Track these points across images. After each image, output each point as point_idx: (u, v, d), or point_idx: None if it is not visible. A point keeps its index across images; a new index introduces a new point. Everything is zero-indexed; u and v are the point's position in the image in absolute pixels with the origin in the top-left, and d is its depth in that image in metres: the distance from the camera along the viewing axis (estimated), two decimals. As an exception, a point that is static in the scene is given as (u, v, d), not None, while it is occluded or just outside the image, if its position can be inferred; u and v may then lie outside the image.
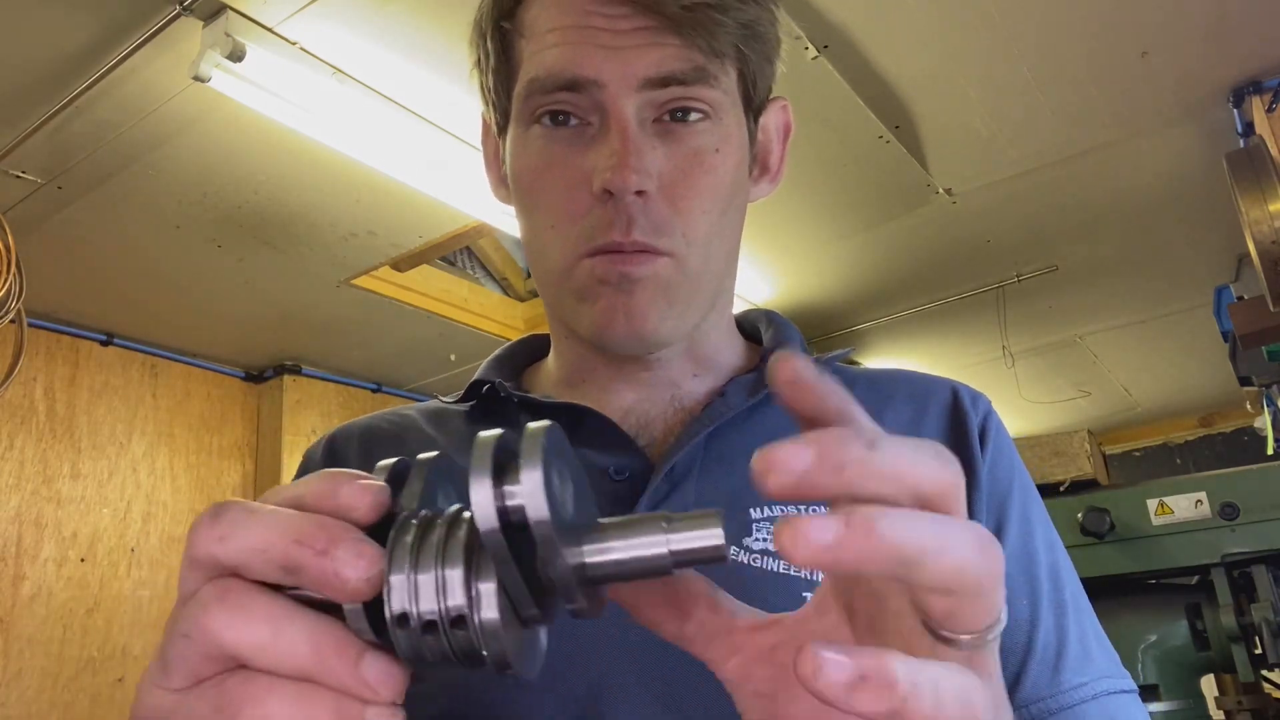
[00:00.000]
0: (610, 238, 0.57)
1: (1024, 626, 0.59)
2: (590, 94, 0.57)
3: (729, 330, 0.70)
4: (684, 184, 0.58)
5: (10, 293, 2.22)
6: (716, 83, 0.59)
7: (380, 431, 0.72)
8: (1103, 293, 3.29)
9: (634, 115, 0.57)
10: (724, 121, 0.60)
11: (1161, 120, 2.26)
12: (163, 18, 1.65)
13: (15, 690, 2.55)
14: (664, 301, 0.59)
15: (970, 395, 0.68)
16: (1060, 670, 0.58)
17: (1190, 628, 1.94)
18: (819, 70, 1.95)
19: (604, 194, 0.57)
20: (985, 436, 0.65)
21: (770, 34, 0.62)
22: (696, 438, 0.61)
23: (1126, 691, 0.60)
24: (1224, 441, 4.88)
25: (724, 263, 0.64)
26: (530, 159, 0.61)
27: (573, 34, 0.57)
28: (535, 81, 0.58)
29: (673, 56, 0.57)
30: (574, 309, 0.61)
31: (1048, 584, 0.61)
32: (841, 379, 0.70)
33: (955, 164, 2.39)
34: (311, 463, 0.71)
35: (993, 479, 0.63)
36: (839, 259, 2.90)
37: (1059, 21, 1.89)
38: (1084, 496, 2.12)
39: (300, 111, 1.85)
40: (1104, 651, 0.61)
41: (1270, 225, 2.00)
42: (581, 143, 0.59)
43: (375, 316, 2.99)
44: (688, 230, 0.59)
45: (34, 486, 2.72)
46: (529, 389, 0.71)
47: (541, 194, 0.60)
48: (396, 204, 2.30)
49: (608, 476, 0.60)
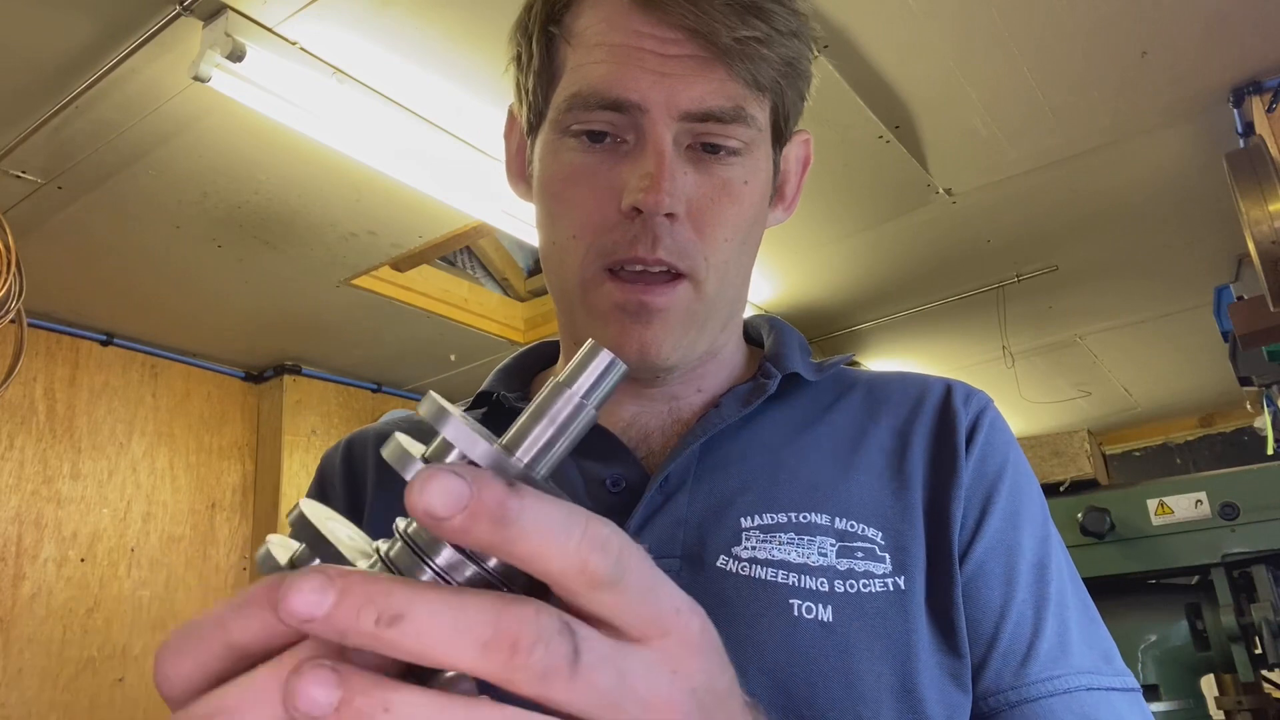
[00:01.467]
0: (634, 253, 0.58)
1: (992, 617, 0.58)
2: (631, 115, 0.58)
3: (736, 346, 0.71)
4: (711, 211, 0.59)
5: (10, 293, 2.22)
6: (753, 121, 0.59)
7: (359, 437, 0.73)
8: (1103, 293, 3.29)
9: (671, 140, 0.58)
10: (754, 155, 0.61)
11: (1161, 120, 2.26)
12: (163, 18, 1.65)
13: (15, 690, 2.55)
14: (680, 330, 0.60)
15: (964, 393, 0.68)
16: (1028, 664, 0.57)
17: (1190, 628, 1.95)
18: (819, 70, 1.94)
19: (633, 211, 0.57)
20: (975, 432, 0.64)
21: (807, 71, 0.64)
22: (690, 449, 0.61)
23: (1116, 690, 0.58)
24: (1224, 441, 4.88)
25: (739, 289, 0.65)
26: (561, 169, 0.61)
27: (621, 53, 0.58)
28: (578, 97, 0.59)
29: (716, 92, 0.58)
30: (586, 323, 0.61)
31: (1029, 577, 0.60)
32: (842, 383, 0.70)
33: (955, 164, 2.39)
34: (331, 469, 0.72)
35: (979, 474, 0.62)
36: (839, 259, 2.90)
37: (1059, 21, 1.89)
38: (1084, 496, 2.12)
39: (300, 111, 1.85)
40: (1090, 649, 0.59)
41: (1270, 225, 2.00)
42: (615, 158, 0.59)
43: (375, 316, 2.99)
44: (710, 255, 0.60)
45: (34, 486, 2.72)
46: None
47: (568, 203, 0.61)
48: (396, 204, 2.30)
49: (605, 488, 0.61)
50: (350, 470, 0.71)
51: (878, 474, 0.63)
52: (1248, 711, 1.93)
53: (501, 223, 2.34)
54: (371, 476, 0.69)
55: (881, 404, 0.68)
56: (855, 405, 0.68)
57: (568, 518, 0.27)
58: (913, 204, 2.57)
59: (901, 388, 0.70)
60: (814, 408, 0.68)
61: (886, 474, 0.63)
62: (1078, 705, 0.56)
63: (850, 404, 0.68)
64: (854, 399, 0.69)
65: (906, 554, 0.59)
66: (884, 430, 0.66)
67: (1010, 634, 0.58)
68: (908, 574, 0.58)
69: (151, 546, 2.95)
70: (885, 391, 0.69)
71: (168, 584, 2.96)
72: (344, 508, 0.68)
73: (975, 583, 0.59)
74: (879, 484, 0.62)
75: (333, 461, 0.73)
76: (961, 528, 0.60)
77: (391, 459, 0.31)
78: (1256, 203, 2.01)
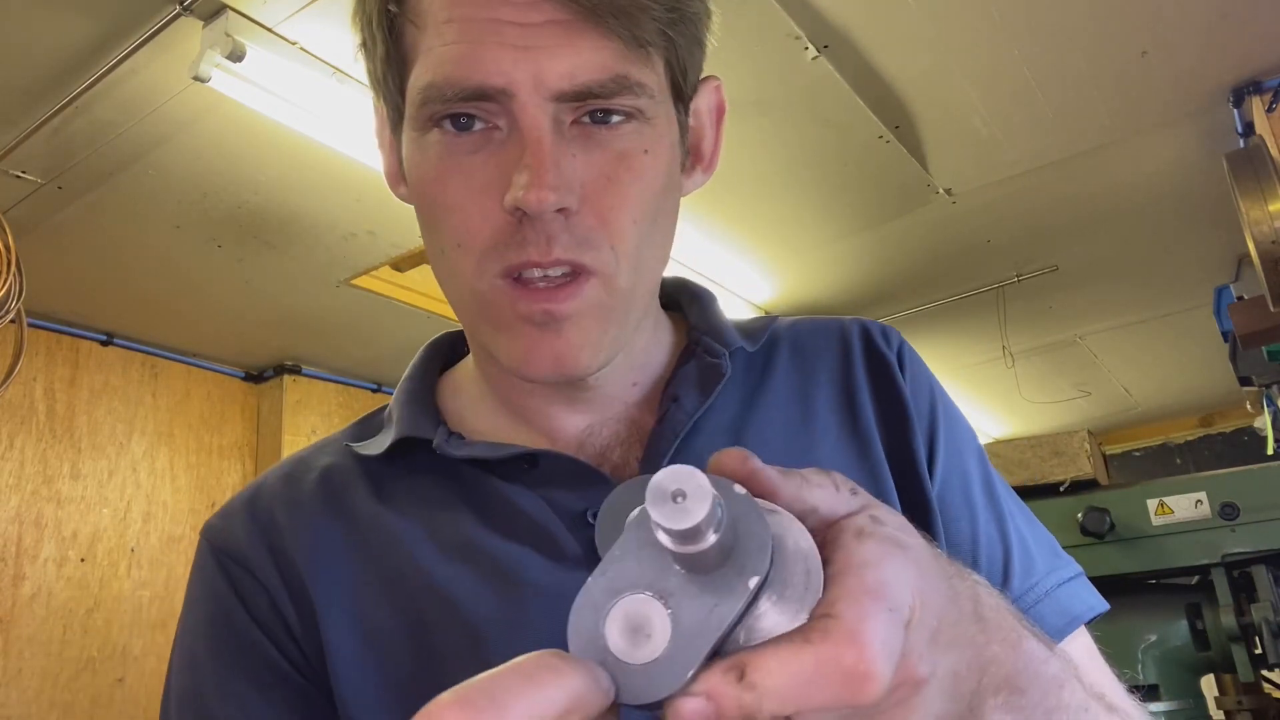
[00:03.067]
0: (527, 257, 0.50)
1: (967, 546, 0.60)
2: (498, 101, 0.50)
3: (655, 324, 0.65)
4: (611, 193, 0.52)
5: (10, 293, 2.22)
6: (641, 89, 0.51)
7: (304, 491, 0.61)
8: (1103, 293, 3.29)
9: (549, 122, 0.50)
10: (652, 120, 0.53)
11: (1161, 120, 2.26)
12: (163, 18, 1.65)
13: (15, 690, 2.55)
14: (596, 332, 0.53)
15: (880, 331, 0.67)
16: (1009, 579, 0.59)
17: (1190, 628, 1.94)
18: (819, 70, 1.95)
19: (517, 211, 0.50)
20: (903, 368, 0.65)
21: (698, 11, 0.55)
22: (665, 456, 0.57)
23: (1073, 579, 0.61)
24: (1224, 441, 4.88)
25: (656, 270, 0.58)
26: (429, 168, 0.53)
27: (475, 29, 0.49)
28: (433, 88, 0.50)
29: (589, 64, 0.49)
30: (491, 337, 0.55)
31: (982, 498, 0.62)
32: (768, 341, 0.67)
33: (955, 164, 2.39)
34: (228, 547, 0.60)
35: (918, 411, 0.63)
36: (839, 259, 2.90)
37: (1059, 21, 1.89)
38: (1084, 496, 2.12)
39: (300, 111, 1.85)
40: (1042, 547, 0.62)
41: (1270, 225, 2.00)
42: (488, 148, 0.51)
43: (375, 316, 2.99)
44: (617, 243, 0.52)
45: (34, 486, 2.72)
46: (456, 417, 0.63)
47: (445, 209, 0.53)
48: (396, 204, 2.27)
49: (585, 521, 0.55)
50: (270, 560, 0.58)
51: (835, 436, 0.62)
52: (1248, 711, 1.93)
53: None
54: (305, 539, 0.58)
55: (813, 358, 0.66)
56: (788, 366, 0.65)
57: (800, 667, 0.29)
58: (913, 204, 2.57)
59: (824, 336, 0.67)
60: (751, 375, 0.64)
61: (844, 436, 0.62)
62: (1055, 604, 0.59)
63: (783, 365, 0.65)
64: (783, 359, 0.66)
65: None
66: (825, 387, 0.64)
67: (986, 559, 0.60)
68: None
69: (151, 546, 2.95)
70: (809, 344, 0.67)
71: (168, 584, 2.96)
72: (272, 597, 0.57)
73: (943, 517, 0.60)
74: (841, 446, 0.61)
75: (232, 552, 0.59)
76: (929, 466, 0.61)
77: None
78: (1256, 203, 2.01)
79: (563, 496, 0.56)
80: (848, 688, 0.28)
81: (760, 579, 0.29)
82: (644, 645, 0.29)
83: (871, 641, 0.29)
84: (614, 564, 0.31)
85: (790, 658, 0.29)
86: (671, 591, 0.30)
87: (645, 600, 0.29)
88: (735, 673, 0.29)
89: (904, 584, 0.31)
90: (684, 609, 0.29)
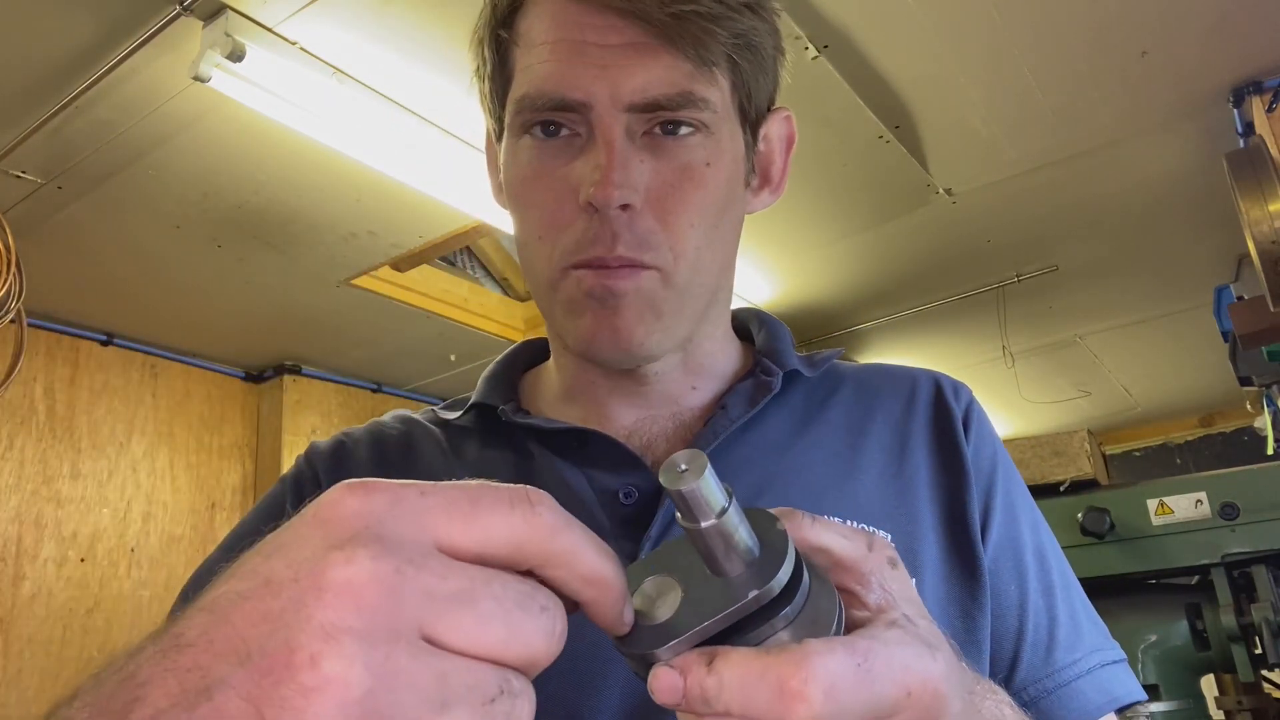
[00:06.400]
0: (594, 252, 0.57)
1: (1014, 611, 0.61)
2: (580, 112, 0.57)
3: (725, 338, 0.70)
4: (673, 197, 0.58)
5: (10, 293, 2.22)
6: (705, 104, 0.58)
7: (388, 438, 0.70)
8: (1103, 293, 3.29)
9: (622, 131, 0.57)
10: (716, 135, 0.60)
11: (1161, 120, 2.26)
12: (163, 18, 1.65)
13: (15, 690, 2.55)
14: (650, 315, 0.59)
15: (952, 386, 0.70)
16: (1053, 650, 0.61)
17: (1190, 628, 1.94)
18: (819, 70, 1.95)
19: (589, 207, 0.56)
20: (968, 426, 0.67)
21: (766, 45, 0.61)
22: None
23: (1117, 662, 0.63)
24: (1224, 441, 4.88)
25: (716, 275, 0.63)
26: (521, 169, 0.61)
27: (563, 49, 0.57)
28: (526, 99, 0.59)
29: (659, 80, 0.56)
30: (562, 321, 0.61)
31: (1035, 566, 0.63)
32: (832, 377, 0.70)
33: (955, 164, 2.39)
34: (312, 468, 0.69)
35: (977, 470, 0.65)
36: (839, 259, 2.90)
37: (1059, 21, 1.89)
38: (1084, 496, 2.12)
39: (300, 111, 1.85)
40: (1093, 625, 0.64)
41: (1270, 225, 2.00)
42: (570, 153, 0.58)
43: (375, 316, 2.99)
44: (675, 244, 0.58)
45: (34, 486, 2.72)
46: (530, 401, 0.71)
47: (531, 204, 0.61)
48: (396, 204, 2.30)
49: (618, 500, 0.60)
50: (339, 474, 0.66)
51: (879, 473, 0.64)
52: (1248, 711, 1.93)
53: (501, 223, 2.34)
54: (378, 470, 0.67)
55: (873, 398, 0.69)
56: (848, 401, 0.69)
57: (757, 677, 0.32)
58: (913, 204, 2.57)
59: (891, 381, 0.71)
60: (810, 404, 0.68)
61: (889, 474, 0.64)
62: (1097, 683, 0.61)
63: (843, 399, 0.69)
64: (845, 394, 0.69)
65: (915, 555, 0.60)
66: (880, 426, 0.67)
67: (1033, 626, 0.61)
68: (919, 576, 0.60)
69: (151, 546, 2.95)
70: (874, 385, 0.70)
71: (168, 584, 2.96)
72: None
73: (993, 580, 0.61)
74: (882, 484, 0.63)
75: (315, 459, 0.69)
76: (981, 527, 0.63)
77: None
78: (1256, 203, 2.01)
79: (603, 476, 0.61)
80: (780, 701, 0.31)
81: (759, 593, 0.33)
82: (652, 610, 0.35)
83: (816, 671, 0.31)
84: (667, 549, 0.38)
85: (749, 660, 0.32)
86: (694, 584, 0.35)
87: (670, 582, 0.35)
88: (707, 658, 0.33)
89: (899, 665, 0.34)
90: (696, 598, 0.34)
